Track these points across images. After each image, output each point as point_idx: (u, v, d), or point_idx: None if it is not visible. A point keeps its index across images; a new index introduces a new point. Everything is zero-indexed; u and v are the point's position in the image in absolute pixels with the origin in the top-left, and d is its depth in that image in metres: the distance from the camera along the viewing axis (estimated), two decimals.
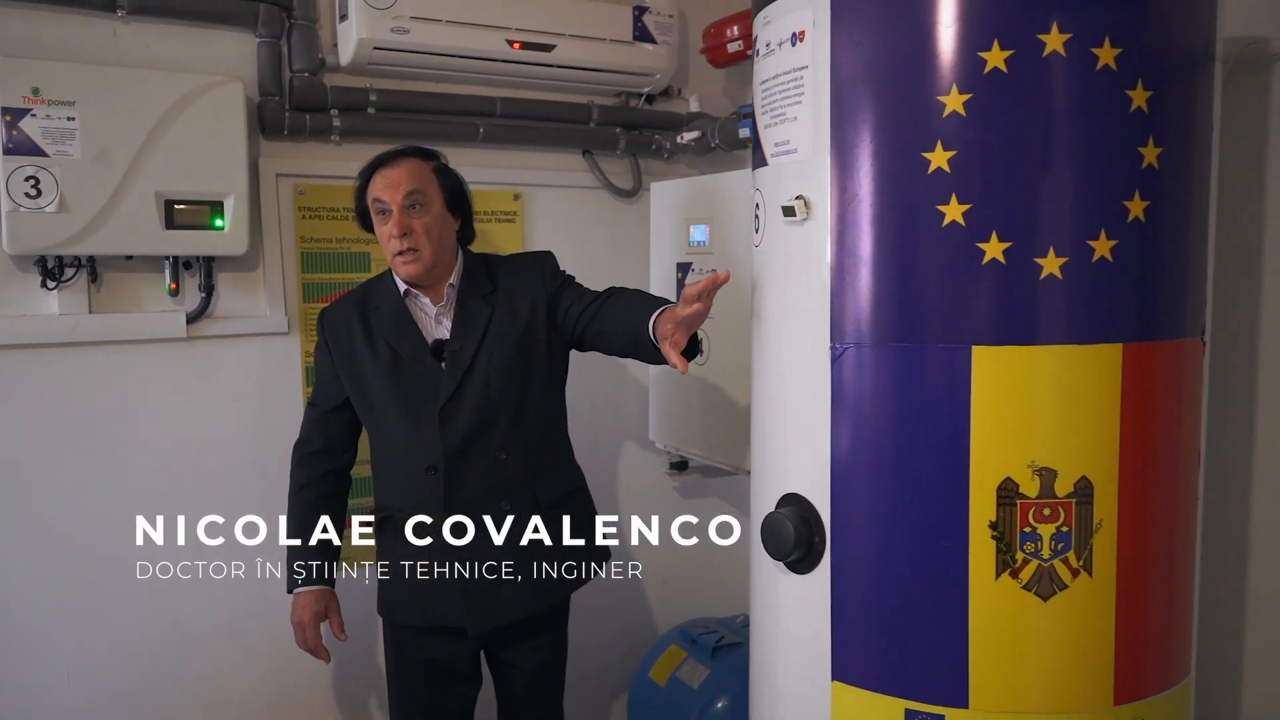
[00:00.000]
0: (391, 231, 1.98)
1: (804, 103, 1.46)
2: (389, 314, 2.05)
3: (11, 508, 2.21)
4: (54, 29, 2.17)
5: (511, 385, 2.03)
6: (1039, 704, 1.39)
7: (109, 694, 2.32)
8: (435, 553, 2.01)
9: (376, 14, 2.36)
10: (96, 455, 2.28)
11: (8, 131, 2.04)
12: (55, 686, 2.26)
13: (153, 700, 2.37)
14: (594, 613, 2.86)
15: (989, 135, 1.32)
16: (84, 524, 2.26)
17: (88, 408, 2.27)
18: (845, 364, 1.45)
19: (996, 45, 1.31)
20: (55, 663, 2.26)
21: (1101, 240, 1.33)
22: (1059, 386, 1.35)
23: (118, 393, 2.30)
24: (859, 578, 1.47)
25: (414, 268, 2.01)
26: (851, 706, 1.48)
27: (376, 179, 2.02)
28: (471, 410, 2.00)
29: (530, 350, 2.05)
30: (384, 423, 2.04)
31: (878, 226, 1.40)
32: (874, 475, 1.44)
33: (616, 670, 2.97)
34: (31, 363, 2.20)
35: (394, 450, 2.05)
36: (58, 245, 2.12)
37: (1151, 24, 1.33)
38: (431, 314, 2.04)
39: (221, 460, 2.40)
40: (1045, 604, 1.37)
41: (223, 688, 2.45)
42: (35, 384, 2.21)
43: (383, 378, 2.02)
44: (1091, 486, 1.36)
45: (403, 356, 2.02)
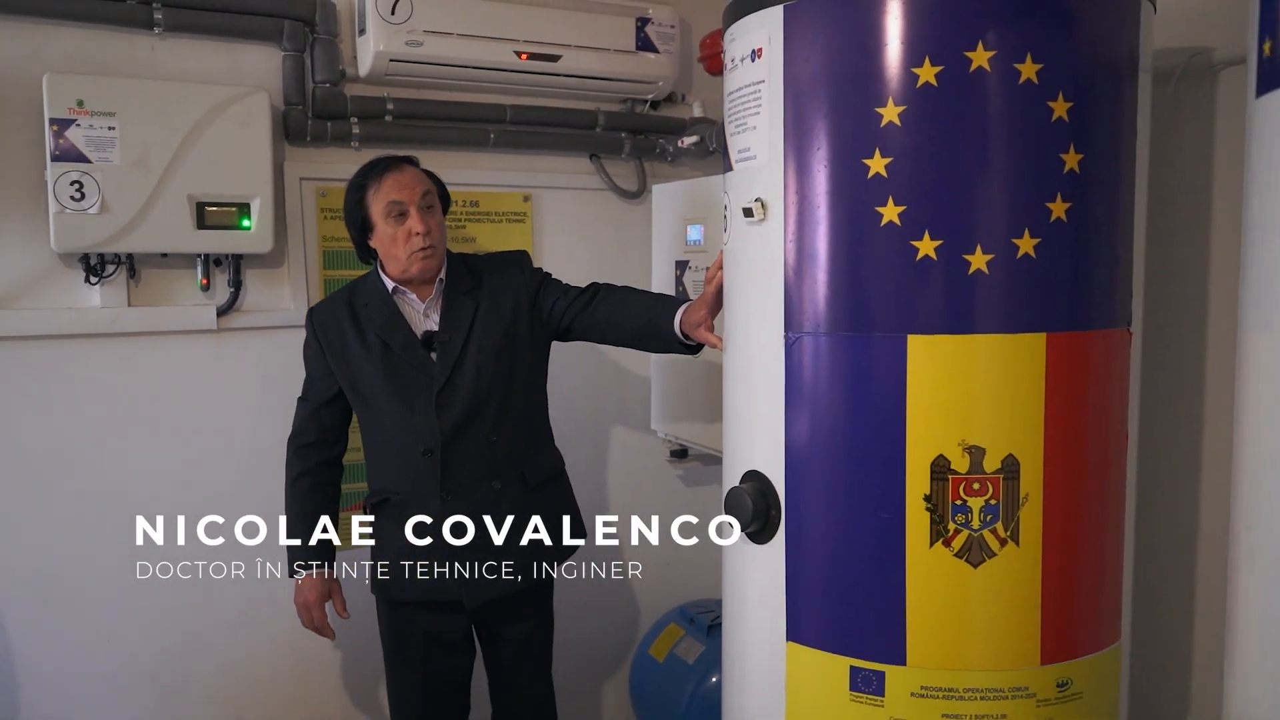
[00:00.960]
0: (414, 229, 2.12)
1: (761, 113, 1.60)
2: (378, 310, 2.19)
3: (57, 485, 2.40)
4: (97, 46, 2.36)
5: (500, 373, 2.18)
6: (970, 662, 1.52)
7: (140, 660, 2.51)
8: (435, 533, 2.16)
9: (392, 29, 2.53)
10: (134, 436, 2.47)
11: (55, 140, 2.23)
12: (95, 652, 2.45)
13: (179, 667, 2.57)
14: (602, 593, 3.02)
15: (922, 143, 1.45)
16: (123, 501, 2.44)
17: (127, 393, 2.46)
18: (798, 352, 1.59)
19: (928, 62, 1.44)
20: (94, 629, 2.45)
21: (1026, 238, 1.45)
22: (987, 372, 1.48)
23: (154, 379, 2.48)
24: (810, 547, 1.60)
25: (432, 262, 2.17)
26: (804, 664, 1.62)
27: (387, 182, 2.14)
28: (465, 396, 2.16)
29: (515, 341, 2.20)
30: (379, 411, 2.19)
31: (825, 226, 1.54)
32: (823, 453, 1.58)
33: (620, 646, 3.12)
34: (76, 352, 2.39)
35: (389, 437, 2.20)
36: (99, 244, 2.30)
37: (1072, 41, 1.45)
38: (420, 309, 2.20)
39: (248, 440, 2.57)
40: (975, 570, 1.50)
41: (242, 664, 2.64)
42: (80, 371, 2.40)
43: (376, 370, 2.17)
44: (1018, 463, 1.49)
45: (394, 349, 2.17)
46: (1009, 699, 1.52)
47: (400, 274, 2.17)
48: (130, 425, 2.47)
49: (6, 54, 2.27)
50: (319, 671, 2.72)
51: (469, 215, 2.84)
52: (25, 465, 2.37)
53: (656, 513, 2.77)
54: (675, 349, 2.10)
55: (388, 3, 2.50)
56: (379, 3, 2.49)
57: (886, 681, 1.54)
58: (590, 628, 3.03)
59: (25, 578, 2.37)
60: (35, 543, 2.37)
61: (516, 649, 2.34)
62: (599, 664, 3.13)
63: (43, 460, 2.38)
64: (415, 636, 2.27)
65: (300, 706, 2.72)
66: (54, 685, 2.42)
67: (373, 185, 2.15)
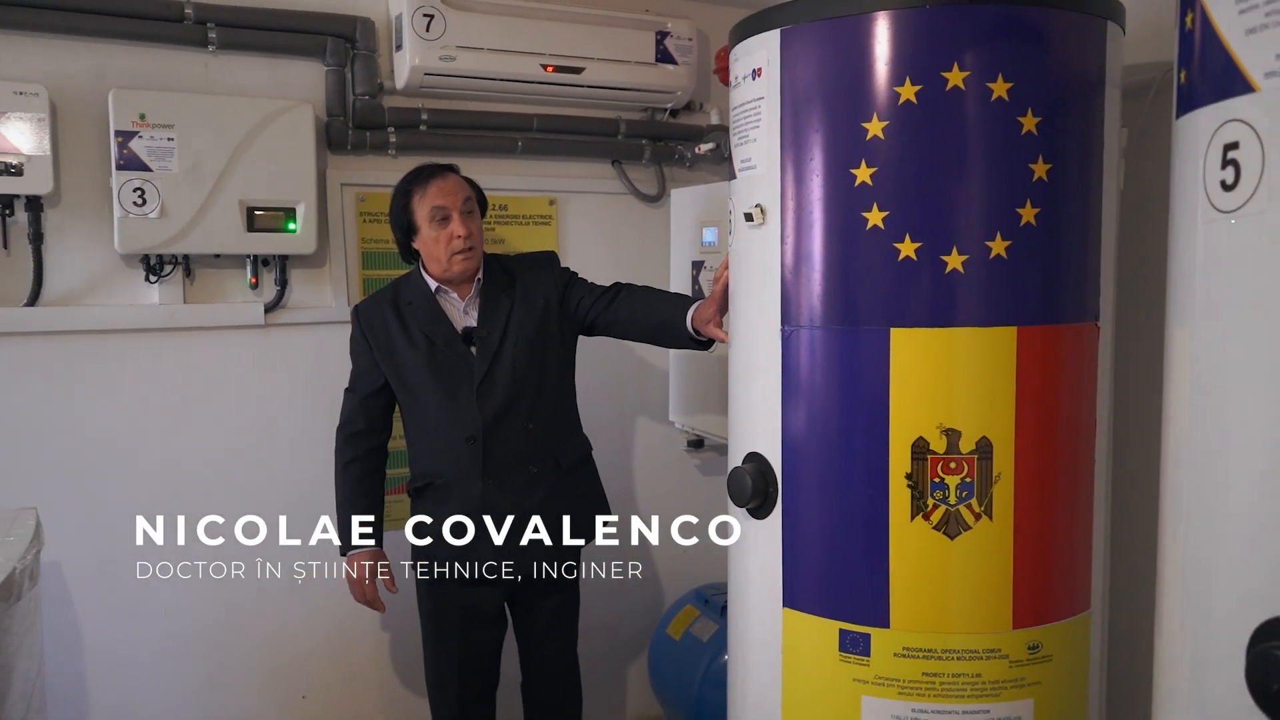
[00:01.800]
0: (456, 232, 2.30)
1: (761, 127, 1.76)
2: (422, 308, 2.37)
3: (119, 468, 2.61)
4: (157, 64, 2.56)
5: (534, 365, 2.36)
6: (948, 625, 1.67)
7: (197, 628, 2.72)
8: (472, 513, 2.34)
9: (427, 44, 2.71)
10: (188, 422, 2.67)
11: (119, 150, 2.43)
12: (157, 617, 2.66)
13: (231, 635, 2.77)
14: (624, 579, 3.18)
15: (903, 155, 1.61)
16: (180, 482, 2.65)
17: (182, 382, 2.66)
18: (793, 344, 1.75)
19: (908, 81, 1.59)
20: (156, 599, 2.65)
21: (998, 241, 1.60)
22: (963, 362, 1.63)
23: (207, 370, 2.69)
24: (804, 522, 1.76)
25: (472, 263, 2.35)
26: (798, 628, 1.77)
27: (432, 189, 2.32)
28: (503, 387, 2.34)
29: (546, 336, 2.38)
30: (423, 402, 2.38)
31: (817, 230, 1.69)
32: (815, 435, 1.73)
33: (641, 626, 3.28)
34: (136, 344, 2.60)
35: (433, 425, 2.38)
36: (158, 245, 2.50)
37: (1040, 62, 1.60)
38: (460, 306, 2.38)
39: (293, 426, 2.77)
40: (952, 542, 1.65)
41: (288, 633, 2.84)
42: (140, 362, 2.61)
43: (421, 363, 2.35)
44: (991, 445, 1.64)
45: (438, 344, 2.35)
46: (983, 659, 1.67)
47: (442, 274, 2.35)
48: (185, 412, 2.67)
49: (75, 72, 2.47)
50: (356, 642, 2.92)
51: (499, 218, 3.02)
52: (91, 449, 2.58)
53: (675, 500, 2.95)
54: (689, 345, 2.27)
55: (423, 21, 2.69)
56: (415, 21, 2.68)
57: (872, 643, 1.69)
58: (614, 613, 3.19)
59: (90, 555, 2.57)
60: (99, 522, 2.57)
61: (546, 622, 2.52)
62: (623, 646, 3.30)
63: (107, 444, 2.59)
64: (453, 610, 2.45)
65: (340, 673, 2.91)
66: (114, 656, 2.63)
67: (418, 191, 2.33)
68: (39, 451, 2.52)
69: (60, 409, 2.54)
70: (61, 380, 2.54)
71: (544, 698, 2.60)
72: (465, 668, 2.47)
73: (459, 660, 2.47)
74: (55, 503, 2.36)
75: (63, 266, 2.50)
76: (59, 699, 2.44)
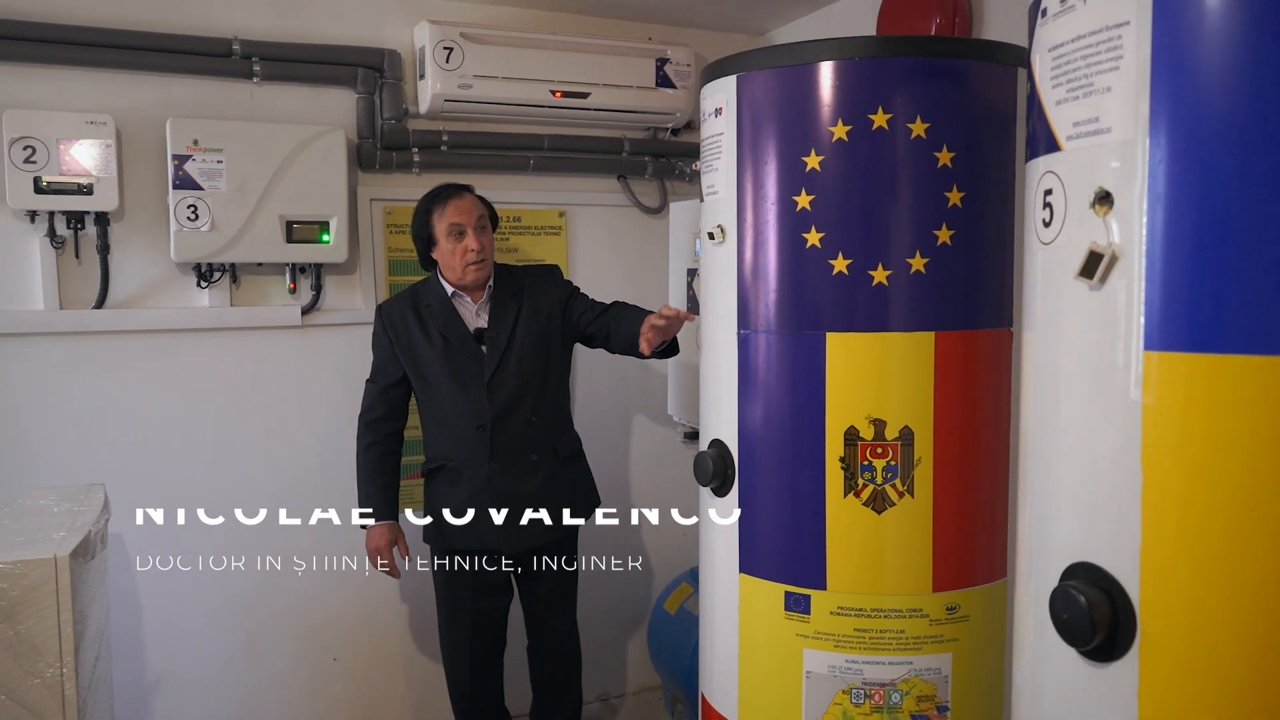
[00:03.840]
0: (469, 245, 2.60)
1: (722, 158, 2.05)
2: (439, 310, 2.67)
3: (173, 452, 2.95)
4: (209, 94, 2.89)
5: (537, 364, 2.66)
6: (877, 588, 1.94)
7: (237, 592, 3.05)
8: (481, 494, 2.65)
9: (447, 74, 3.02)
10: (233, 412, 3.00)
11: (175, 172, 2.76)
12: (207, 584, 2.99)
13: (266, 603, 3.10)
14: (628, 556, 3.48)
15: (836, 184, 1.88)
16: (227, 463, 2.98)
17: (230, 376, 2.99)
18: (748, 345, 2.03)
19: (840, 122, 1.86)
20: (200, 569, 2.97)
21: (917, 258, 1.87)
22: (888, 361, 1.90)
23: (251, 365, 3.01)
24: (756, 499, 2.04)
25: (483, 272, 2.65)
26: (752, 590, 2.05)
27: (450, 207, 2.62)
28: (510, 383, 2.64)
29: (549, 340, 2.68)
30: (438, 393, 2.68)
31: (765, 248, 1.97)
32: (765, 424, 2.01)
33: (641, 603, 3.57)
34: (189, 342, 2.93)
35: (447, 414, 2.68)
36: (209, 255, 2.83)
37: (954, 105, 1.86)
38: (473, 310, 2.69)
39: (326, 414, 3.09)
40: (879, 516, 1.92)
41: (313, 598, 3.16)
42: (192, 357, 2.94)
43: (437, 359, 2.66)
44: (912, 433, 1.90)
45: (453, 343, 2.65)
46: (906, 618, 1.94)
47: (456, 281, 2.66)
48: (231, 402, 3.00)
49: (138, 103, 2.81)
50: (378, 607, 3.23)
51: (513, 229, 3.32)
52: (149, 434, 2.91)
53: (673, 487, 3.24)
54: (650, 355, 2.50)
55: (443, 53, 3.00)
56: (436, 53, 2.99)
57: (812, 603, 1.97)
58: (618, 591, 3.49)
59: (148, 526, 2.89)
60: (157, 498, 2.90)
61: (548, 591, 2.82)
62: (625, 622, 3.59)
63: (162, 431, 2.93)
64: (464, 580, 2.75)
65: (364, 635, 3.23)
66: (169, 614, 2.97)
67: (437, 209, 2.64)
68: (105, 435, 2.86)
69: (123, 398, 2.88)
70: (124, 373, 2.88)
71: (547, 658, 2.89)
72: (475, 633, 2.78)
73: (470, 626, 2.77)
74: (119, 480, 2.69)
75: (126, 274, 2.84)
76: (121, 657, 2.77)
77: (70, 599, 1.83)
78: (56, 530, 1.98)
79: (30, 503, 2.23)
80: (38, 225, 2.72)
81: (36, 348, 2.78)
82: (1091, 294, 1.22)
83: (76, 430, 2.83)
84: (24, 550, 1.84)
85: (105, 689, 2.29)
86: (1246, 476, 1.11)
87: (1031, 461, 1.40)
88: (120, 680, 2.67)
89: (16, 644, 1.80)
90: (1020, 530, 1.46)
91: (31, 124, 2.63)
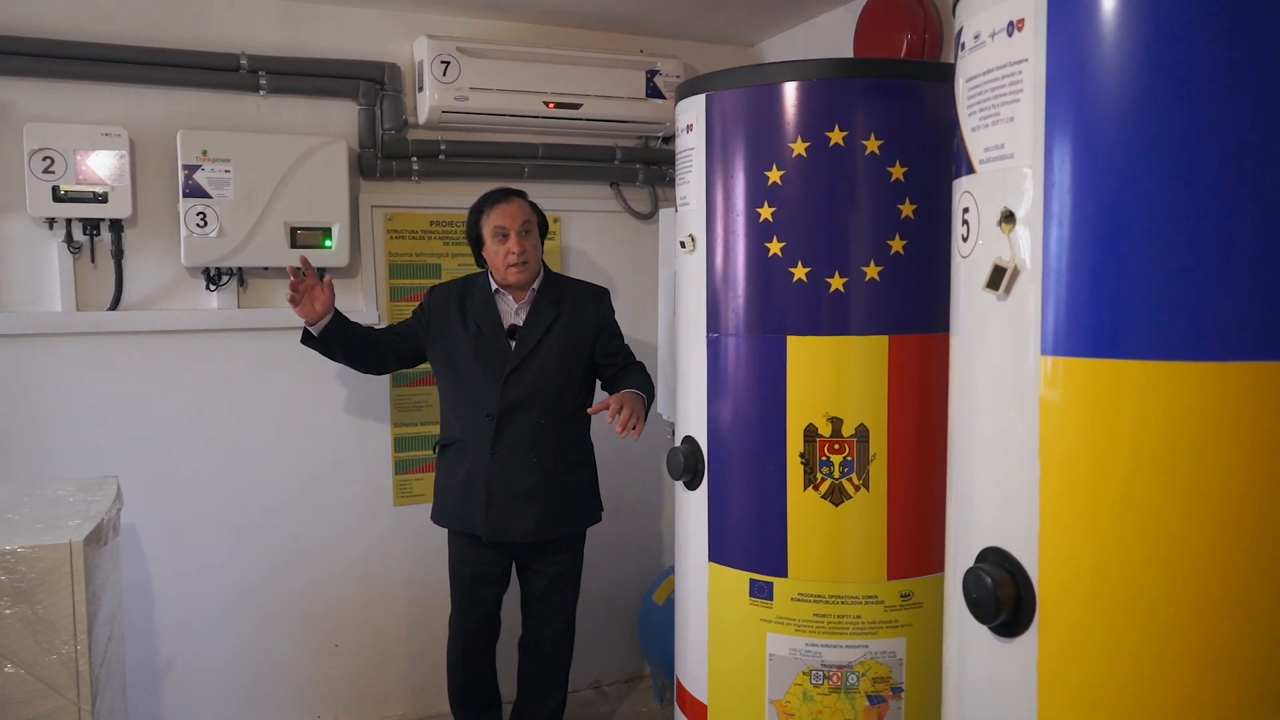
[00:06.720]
0: (511, 249, 2.75)
1: (693, 171, 2.18)
2: (481, 302, 2.83)
3: (183, 446, 3.09)
4: (217, 107, 3.03)
5: (560, 371, 2.79)
6: (835, 575, 2.07)
7: (245, 582, 3.19)
8: (476, 479, 2.78)
9: (445, 86, 3.15)
10: (241, 408, 3.15)
11: (185, 181, 2.91)
12: (215, 573, 3.14)
13: (273, 592, 3.25)
14: (620, 550, 3.62)
15: (796, 197, 2.01)
16: (234, 457, 3.13)
17: (237, 374, 3.13)
18: (716, 348, 2.16)
19: (799, 139, 1.99)
20: (209, 557, 3.14)
21: (871, 266, 2.00)
22: (844, 363, 2.02)
23: (258, 364, 3.15)
24: (724, 491, 2.17)
25: (524, 274, 2.79)
26: (720, 577, 2.18)
27: (496, 211, 2.78)
28: (527, 381, 2.77)
29: (576, 356, 2.82)
30: (459, 377, 2.82)
31: (732, 256, 2.10)
32: (732, 421, 2.14)
33: (633, 594, 3.70)
34: (199, 343, 3.08)
35: (464, 399, 2.81)
36: (217, 260, 2.97)
37: (906, 123, 1.98)
38: (513, 309, 2.83)
39: (329, 410, 3.24)
40: (836, 509, 2.05)
41: (320, 584, 3.31)
42: (202, 357, 3.08)
43: (468, 345, 2.80)
44: (868, 430, 2.03)
45: (484, 332, 2.80)
46: (863, 604, 2.07)
47: (500, 280, 2.82)
48: (238, 399, 3.15)
49: (150, 115, 2.96)
50: (382, 594, 3.37)
51: None
52: (160, 429, 3.06)
53: (664, 483, 3.37)
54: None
55: (441, 66, 3.13)
56: (434, 66, 3.12)
57: (774, 590, 2.10)
58: (608, 579, 3.62)
59: (159, 517, 3.06)
60: (167, 490, 3.06)
61: (544, 587, 2.93)
62: (617, 612, 3.71)
63: (173, 426, 3.08)
64: (467, 565, 2.90)
65: (366, 623, 3.38)
66: (179, 600, 3.12)
67: (486, 212, 2.81)
68: (118, 430, 3.01)
69: (136, 395, 3.03)
70: (137, 371, 3.03)
71: (535, 654, 3.01)
72: (469, 618, 2.92)
73: (466, 611, 2.92)
74: (131, 474, 2.85)
75: (139, 277, 2.99)
76: (135, 644, 2.91)
77: (84, 581, 1.97)
78: (72, 518, 2.13)
79: (48, 492, 2.37)
80: (56, 232, 2.87)
81: (55, 347, 2.93)
82: (1001, 303, 1.35)
83: (92, 425, 2.98)
84: (42, 536, 1.98)
85: (118, 668, 2.44)
86: (1135, 471, 1.24)
87: (956, 455, 1.53)
88: (133, 666, 2.82)
89: (35, 622, 1.95)
90: (949, 518, 1.59)
91: (50, 136, 2.78)
